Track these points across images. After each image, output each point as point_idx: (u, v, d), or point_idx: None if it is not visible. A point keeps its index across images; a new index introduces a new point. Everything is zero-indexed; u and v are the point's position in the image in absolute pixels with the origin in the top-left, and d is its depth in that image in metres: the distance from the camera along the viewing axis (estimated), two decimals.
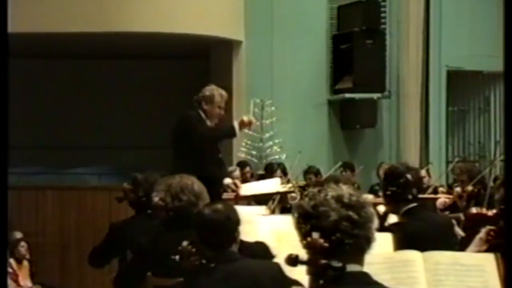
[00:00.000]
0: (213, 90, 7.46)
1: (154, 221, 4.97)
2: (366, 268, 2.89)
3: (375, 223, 2.90)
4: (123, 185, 6.28)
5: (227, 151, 11.53)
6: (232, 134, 7.58)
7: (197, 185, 4.73)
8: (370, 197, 8.20)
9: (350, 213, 2.83)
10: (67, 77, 13.75)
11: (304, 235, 2.85)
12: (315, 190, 2.92)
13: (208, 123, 7.44)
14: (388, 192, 5.09)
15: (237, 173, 10.32)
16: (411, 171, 5.14)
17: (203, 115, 7.43)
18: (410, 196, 5.03)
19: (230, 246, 3.93)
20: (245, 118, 7.51)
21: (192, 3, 11.49)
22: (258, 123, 11.93)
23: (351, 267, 2.81)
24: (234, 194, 7.42)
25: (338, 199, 2.86)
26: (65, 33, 11.02)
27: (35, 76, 13.44)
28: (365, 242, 2.86)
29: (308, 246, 2.81)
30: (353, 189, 2.94)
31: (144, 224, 5.41)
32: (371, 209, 2.91)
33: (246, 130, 11.75)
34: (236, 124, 7.45)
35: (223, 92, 7.52)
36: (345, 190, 2.90)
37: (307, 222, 2.85)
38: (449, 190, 9.60)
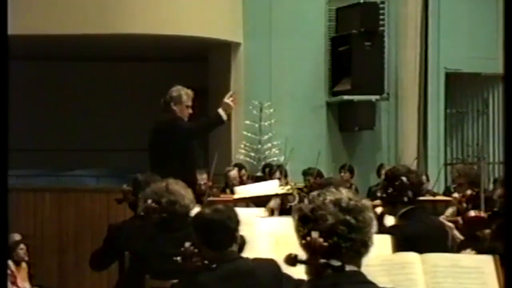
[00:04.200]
0: (180, 90, 7.48)
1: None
2: (364, 270, 2.91)
3: (374, 227, 2.92)
4: (123, 186, 6.27)
5: (225, 153, 11.54)
6: (220, 121, 7.43)
7: (172, 185, 4.80)
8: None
9: (348, 217, 2.85)
10: (65, 80, 13.75)
11: (302, 237, 2.87)
12: (315, 193, 2.93)
13: None
14: (384, 195, 5.10)
15: (234, 172, 10.31)
16: (409, 174, 5.13)
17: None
18: (405, 199, 5.03)
19: (230, 245, 3.93)
20: (225, 99, 7.39)
21: (191, 5, 11.49)
22: (256, 125, 11.96)
23: (347, 267, 2.83)
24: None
25: (336, 203, 2.88)
26: (64, 35, 11.03)
27: (34, 78, 13.44)
28: (362, 246, 2.88)
29: (307, 246, 2.83)
30: (353, 193, 2.95)
31: (143, 226, 5.41)
32: (370, 214, 2.92)
33: (244, 133, 11.88)
34: (221, 111, 7.34)
35: (189, 91, 7.53)
36: (344, 194, 2.92)
37: (305, 225, 2.88)
38: (447, 193, 9.58)
